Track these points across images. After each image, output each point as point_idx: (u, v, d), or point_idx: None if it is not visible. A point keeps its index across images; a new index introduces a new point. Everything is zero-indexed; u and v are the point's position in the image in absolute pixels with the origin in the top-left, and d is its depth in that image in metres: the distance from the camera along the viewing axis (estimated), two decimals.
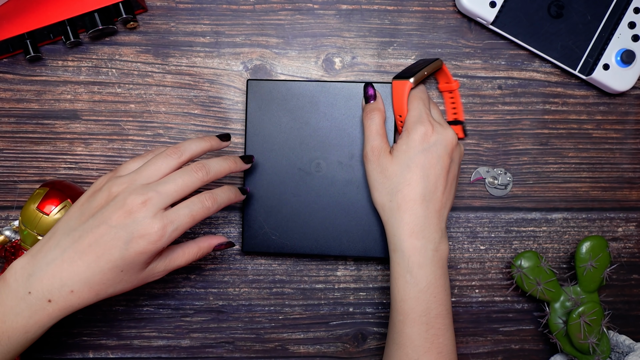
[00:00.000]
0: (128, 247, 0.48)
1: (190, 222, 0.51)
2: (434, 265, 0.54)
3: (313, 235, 0.62)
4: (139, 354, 0.66)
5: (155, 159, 0.52)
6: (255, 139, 0.62)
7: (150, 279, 0.52)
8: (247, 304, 0.66)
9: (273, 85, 0.62)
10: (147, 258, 0.50)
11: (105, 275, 0.49)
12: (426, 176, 0.54)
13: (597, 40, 0.63)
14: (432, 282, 0.53)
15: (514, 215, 0.66)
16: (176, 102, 0.65)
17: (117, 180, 0.51)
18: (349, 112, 0.61)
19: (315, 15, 0.65)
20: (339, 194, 0.62)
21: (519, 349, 0.67)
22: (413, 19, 0.65)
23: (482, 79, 0.65)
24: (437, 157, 0.54)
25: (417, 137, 0.54)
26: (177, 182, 0.51)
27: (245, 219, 0.62)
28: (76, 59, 0.64)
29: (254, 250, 0.62)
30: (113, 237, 0.48)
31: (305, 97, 0.62)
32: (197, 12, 0.64)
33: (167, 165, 0.52)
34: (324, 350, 0.66)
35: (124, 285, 0.51)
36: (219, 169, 0.53)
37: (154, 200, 0.49)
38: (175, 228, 0.50)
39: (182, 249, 0.54)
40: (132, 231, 0.48)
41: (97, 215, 0.49)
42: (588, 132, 0.66)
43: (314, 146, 0.62)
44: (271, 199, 0.62)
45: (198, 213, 0.51)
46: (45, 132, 0.64)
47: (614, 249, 0.66)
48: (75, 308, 0.50)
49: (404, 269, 0.54)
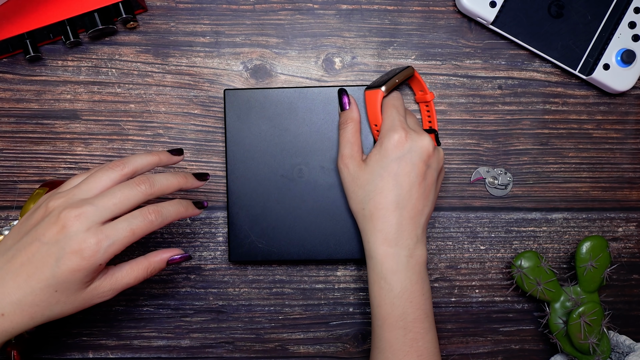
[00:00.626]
0: (60, 265, 0.45)
1: (129, 237, 0.47)
2: (409, 271, 0.53)
3: (300, 241, 0.62)
4: (139, 354, 0.66)
5: (96, 172, 0.49)
6: (235, 148, 0.62)
7: (96, 300, 0.49)
8: (247, 304, 0.66)
9: (250, 93, 0.62)
10: (83, 277, 0.46)
11: (37, 296, 0.46)
12: (399, 184, 0.54)
13: (597, 40, 0.63)
14: (407, 288, 0.53)
15: (514, 215, 0.66)
16: (176, 102, 0.65)
17: (55, 195, 0.48)
18: (327, 117, 0.61)
19: (315, 15, 0.65)
20: (323, 198, 0.62)
21: (519, 349, 0.67)
22: (413, 19, 0.65)
23: (482, 79, 0.65)
24: (412, 165, 0.54)
25: (390, 145, 0.54)
26: (115, 195, 0.47)
27: (230, 229, 0.62)
28: (76, 59, 0.64)
29: (241, 259, 0.62)
30: (44, 254, 0.45)
31: (284, 104, 0.62)
32: (197, 12, 0.64)
33: (109, 179, 0.49)
34: (324, 350, 0.66)
35: (62, 307, 0.47)
36: (165, 184, 0.50)
37: (89, 213, 0.46)
38: (112, 243, 0.46)
39: (130, 266, 0.50)
40: (64, 247, 0.45)
41: (31, 232, 0.47)
42: (588, 132, 0.66)
43: (295, 152, 0.62)
44: (255, 207, 0.62)
45: (139, 227, 0.47)
46: (45, 132, 0.64)
47: (614, 249, 0.66)
48: (10, 333, 0.46)
49: (378, 275, 0.54)
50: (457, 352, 0.66)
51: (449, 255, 0.66)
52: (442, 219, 0.66)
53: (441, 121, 0.65)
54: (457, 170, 0.65)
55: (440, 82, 0.65)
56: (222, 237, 0.65)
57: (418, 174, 0.54)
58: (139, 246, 0.65)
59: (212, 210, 0.65)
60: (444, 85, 0.65)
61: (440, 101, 0.65)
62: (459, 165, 0.65)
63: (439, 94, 0.65)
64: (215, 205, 0.65)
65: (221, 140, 0.65)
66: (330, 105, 0.62)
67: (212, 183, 0.65)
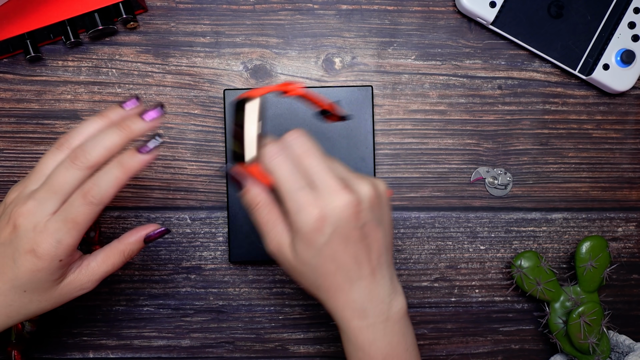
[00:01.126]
0: (18, 266, 0.43)
1: (74, 228, 0.43)
2: (388, 336, 0.47)
3: None
4: (139, 354, 0.66)
5: (44, 156, 0.45)
6: None
7: (77, 293, 0.46)
8: (247, 304, 0.66)
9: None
10: (47, 275, 0.43)
11: (8, 297, 0.44)
12: (341, 264, 0.45)
13: (597, 40, 0.63)
14: (389, 353, 0.47)
15: (514, 215, 0.66)
16: (176, 102, 0.65)
17: (13, 187, 0.46)
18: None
19: (315, 15, 0.65)
20: None
21: (519, 349, 0.67)
22: (413, 19, 0.65)
23: (482, 79, 0.65)
24: (344, 239, 0.44)
25: (308, 233, 0.43)
26: (54, 181, 0.43)
27: (230, 229, 0.62)
28: (76, 59, 0.64)
29: (241, 259, 0.62)
30: (3, 255, 0.43)
31: (283, 105, 0.62)
32: (197, 12, 0.64)
33: (54, 161, 0.44)
34: (324, 350, 0.66)
35: (38, 305, 0.45)
36: (103, 145, 0.44)
37: (33, 210, 0.43)
38: (60, 239, 0.42)
39: (105, 253, 0.47)
40: (18, 247, 0.43)
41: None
42: (588, 132, 0.66)
43: None
44: None
45: (79, 215, 0.43)
46: (46, 132, 0.64)
47: (613, 249, 0.66)
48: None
49: (354, 346, 0.47)
50: (457, 352, 0.66)
51: (448, 255, 0.66)
52: (442, 219, 0.66)
53: (441, 121, 0.65)
54: (457, 170, 0.65)
55: (440, 82, 0.65)
56: (222, 237, 0.65)
57: (355, 241, 0.44)
58: None
59: (212, 210, 0.65)
60: (444, 85, 0.65)
61: (440, 101, 0.65)
62: (458, 165, 0.65)
63: (439, 94, 0.65)
64: (215, 205, 0.65)
65: (221, 140, 0.65)
66: None
67: (212, 183, 0.65)
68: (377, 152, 0.65)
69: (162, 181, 0.65)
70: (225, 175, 0.49)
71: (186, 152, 0.65)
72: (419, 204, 0.65)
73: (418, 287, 0.66)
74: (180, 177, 0.65)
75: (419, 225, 0.66)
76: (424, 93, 0.65)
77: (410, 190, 0.65)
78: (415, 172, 0.65)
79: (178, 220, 0.65)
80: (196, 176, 0.65)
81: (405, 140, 0.65)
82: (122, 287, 0.65)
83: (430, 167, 0.65)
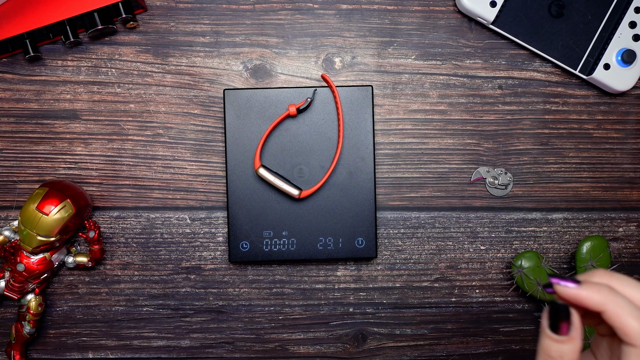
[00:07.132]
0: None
1: None
2: None
3: (300, 240, 0.62)
4: (139, 354, 0.66)
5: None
6: (235, 148, 0.62)
7: None
8: (247, 304, 0.66)
9: (250, 93, 0.62)
10: None
11: None
12: None
13: (597, 40, 0.63)
14: None
15: (514, 215, 0.66)
16: (176, 102, 0.64)
17: None
18: (327, 116, 0.61)
19: (315, 15, 0.65)
20: (323, 198, 0.62)
21: (520, 349, 0.67)
22: (413, 19, 0.65)
23: (482, 78, 0.65)
24: None
25: None
26: None
27: (230, 229, 0.62)
28: (76, 59, 0.64)
29: (241, 260, 0.62)
30: None
31: (283, 104, 0.62)
32: (197, 12, 0.64)
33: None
34: (324, 350, 0.66)
35: None
36: None
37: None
38: None
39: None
40: None
41: None
42: (589, 132, 0.66)
43: (295, 152, 0.62)
44: (255, 207, 0.62)
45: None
46: (45, 132, 0.64)
47: (614, 249, 0.66)
48: None
49: None
50: (458, 352, 0.66)
51: (449, 255, 0.66)
52: (442, 219, 0.66)
53: (441, 121, 0.65)
54: (457, 170, 0.65)
55: (441, 82, 0.65)
56: (222, 237, 0.65)
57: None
58: (139, 246, 0.65)
59: (212, 210, 0.65)
60: (444, 85, 0.65)
61: (441, 101, 0.65)
62: (459, 165, 0.65)
63: (439, 94, 0.65)
64: (215, 205, 0.65)
65: (221, 140, 0.65)
66: (330, 105, 0.62)
67: (212, 183, 0.65)
68: (377, 152, 0.65)
69: (161, 181, 0.65)
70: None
71: (186, 152, 0.64)
72: (419, 204, 0.65)
73: (418, 287, 0.66)
74: (180, 177, 0.65)
75: (419, 225, 0.65)
76: (424, 93, 0.65)
77: (410, 190, 0.65)
78: (416, 172, 0.65)
79: (178, 220, 0.65)
80: (196, 176, 0.65)
81: (405, 140, 0.65)
82: (122, 287, 0.65)
83: (430, 167, 0.65)
